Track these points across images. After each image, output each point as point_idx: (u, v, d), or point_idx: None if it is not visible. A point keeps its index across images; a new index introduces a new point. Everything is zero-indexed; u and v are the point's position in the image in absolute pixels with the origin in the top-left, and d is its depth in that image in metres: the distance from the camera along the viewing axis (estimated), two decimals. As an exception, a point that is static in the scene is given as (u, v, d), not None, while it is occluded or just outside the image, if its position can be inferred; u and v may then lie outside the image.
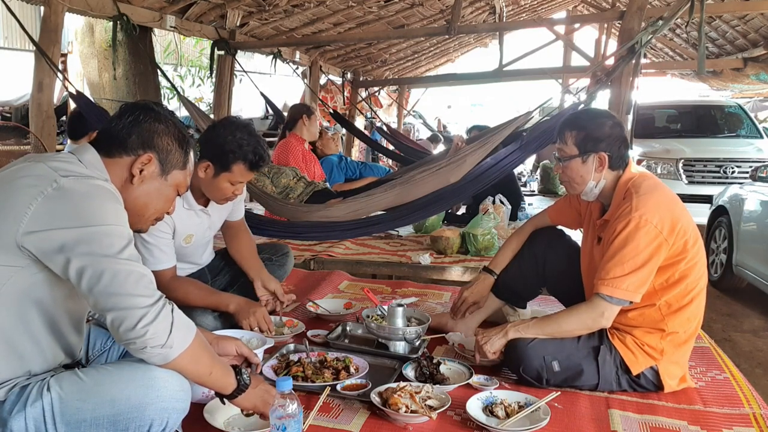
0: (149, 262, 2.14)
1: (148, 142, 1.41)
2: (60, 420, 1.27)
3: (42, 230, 1.22)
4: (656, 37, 4.58)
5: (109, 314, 1.24)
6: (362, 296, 2.96)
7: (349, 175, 5.28)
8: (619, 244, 1.86)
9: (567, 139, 2.02)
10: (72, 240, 1.22)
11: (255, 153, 2.18)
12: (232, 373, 1.44)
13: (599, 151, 1.98)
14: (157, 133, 1.42)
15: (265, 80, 7.65)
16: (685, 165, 6.46)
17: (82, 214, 1.24)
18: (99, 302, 1.24)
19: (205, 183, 2.22)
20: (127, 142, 1.40)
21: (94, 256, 1.23)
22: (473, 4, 7.91)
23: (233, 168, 2.18)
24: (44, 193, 1.24)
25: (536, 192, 7.54)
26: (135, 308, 1.24)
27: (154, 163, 1.42)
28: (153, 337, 1.24)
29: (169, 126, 1.45)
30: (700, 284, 1.96)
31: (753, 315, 4.24)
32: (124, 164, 1.41)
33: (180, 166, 1.47)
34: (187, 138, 1.49)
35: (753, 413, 1.85)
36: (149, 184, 1.44)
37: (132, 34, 4.28)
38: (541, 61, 7.99)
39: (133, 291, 1.24)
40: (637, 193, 1.91)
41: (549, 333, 1.95)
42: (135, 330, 1.23)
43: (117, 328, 1.24)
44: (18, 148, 4.13)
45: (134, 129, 1.41)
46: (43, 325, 1.33)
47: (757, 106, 15.41)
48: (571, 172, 2.02)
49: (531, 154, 4.26)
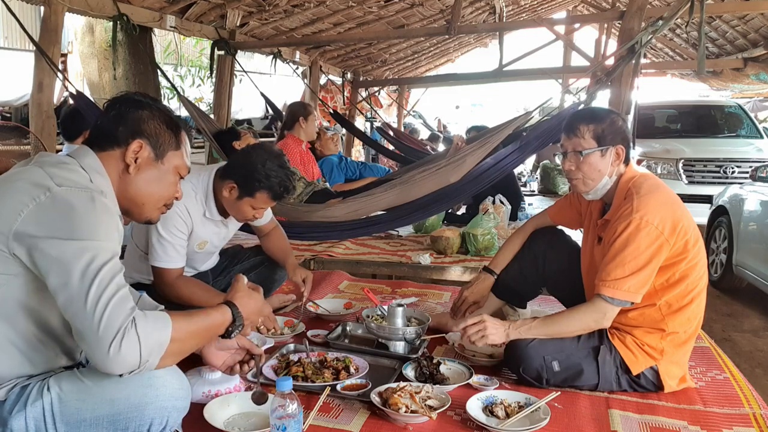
0: (160, 257, 2.16)
1: (136, 130, 1.41)
2: (60, 419, 1.27)
3: (30, 237, 1.21)
4: (656, 37, 4.59)
5: (79, 339, 1.21)
6: (362, 296, 2.96)
7: (349, 175, 5.28)
8: (620, 245, 1.86)
9: (584, 133, 1.98)
10: (55, 252, 1.20)
11: (281, 185, 2.22)
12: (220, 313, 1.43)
13: (616, 145, 1.98)
14: (143, 120, 1.42)
15: (265, 80, 7.64)
16: (685, 165, 6.47)
17: (69, 226, 1.22)
18: (73, 322, 1.20)
19: (228, 203, 2.27)
20: (115, 133, 1.40)
21: (69, 275, 1.19)
22: (473, 4, 7.91)
23: (257, 195, 2.21)
24: (36, 200, 1.23)
25: (536, 192, 7.55)
26: (99, 348, 1.17)
27: (147, 149, 1.42)
28: (124, 364, 1.19)
29: (153, 111, 1.45)
30: (700, 284, 1.95)
31: (753, 315, 4.24)
32: (117, 156, 1.41)
33: (173, 147, 1.47)
34: (175, 119, 1.49)
35: (753, 413, 1.85)
36: (147, 172, 1.43)
37: (132, 34, 4.28)
38: (541, 61, 7.98)
39: (98, 324, 1.17)
40: (638, 194, 1.90)
41: (550, 333, 1.95)
42: (105, 364, 1.18)
43: (89, 357, 1.21)
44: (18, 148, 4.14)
45: (120, 120, 1.41)
46: (40, 331, 1.33)
47: (757, 106, 15.41)
48: (589, 166, 1.99)
49: (531, 154, 4.27)
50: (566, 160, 2.04)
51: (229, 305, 1.46)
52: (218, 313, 1.44)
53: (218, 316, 1.43)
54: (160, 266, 2.18)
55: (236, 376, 1.77)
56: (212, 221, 2.32)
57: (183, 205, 2.17)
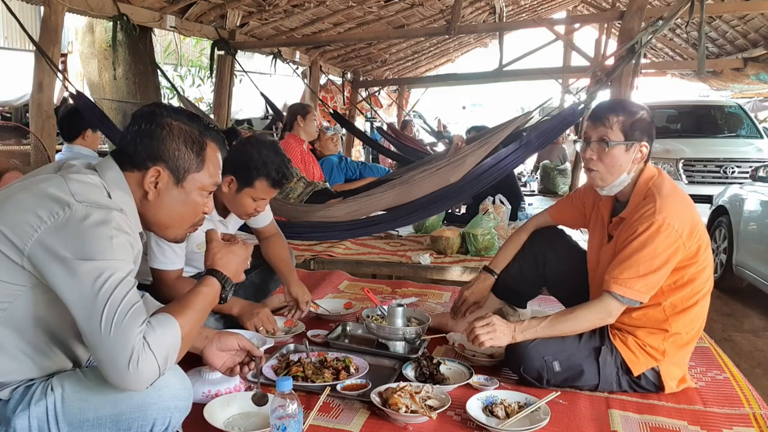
0: (159, 260, 2.16)
1: (153, 154, 1.36)
2: (63, 419, 1.27)
3: (45, 253, 1.20)
4: (656, 37, 4.59)
5: (95, 355, 1.21)
6: (362, 296, 2.96)
7: (349, 175, 5.28)
8: (639, 245, 1.83)
9: (613, 123, 1.92)
10: (69, 271, 1.19)
11: (278, 171, 2.21)
12: (208, 286, 1.39)
13: (642, 141, 1.93)
14: (161, 141, 1.37)
15: (265, 80, 7.65)
16: (685, 165, 6.47)
17: (85, 245, 1.20)
18: (88, 340, 1.20)
19: (228, 198, 2.26)
20: (135, 156, 1.36)
21: (83, 296, 1.18)
22: (473, 4, 7.91)
23: (256, 184, 2.21)
24: (55, 217, 1.21)
25: (536, 192, 7.55)
26: (117, 361, 1.17)
27: (165, 174, 1.37)
28: (145, 380, 1.19)
29: (173, 130, 1.38)
30: (706, 287, 1.95)
31: (753, 315, 4.24)
32: (137, 179, 1.37)
33: (195, 169, 1.40)
34: (198, 133, 1.42)
35: (753, 413, 1.85)
36: (167, 196, 1.39)
37: (132, 34, 4.29)
38: (541, 61, 7.97)
39: (113, 349, 1.17)
40: (660, 195, 1.87)
41: (556, 332, 1.93)
42: (128, 384, 1.19)
43: (107, 377, 1.20)
44: (18, 148, 4.13)
45: (139, 141, 1.37)
46: (50, 341, 1.33)
47: (757, 106, 15.43)
48: (611, 159, 1.93)
49: (531, 154, 4.26)
50: (588, 148, 1.97)
51: (212, 273, 1.42)
52: (206, 287, 1.39)
53: (207, 290, 1.38)
54: (159, 268, 2.18)
55: (236, 376, 1.77)
56: (211, 221, 2.31)
57: None
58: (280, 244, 2.61)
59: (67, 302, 1.20)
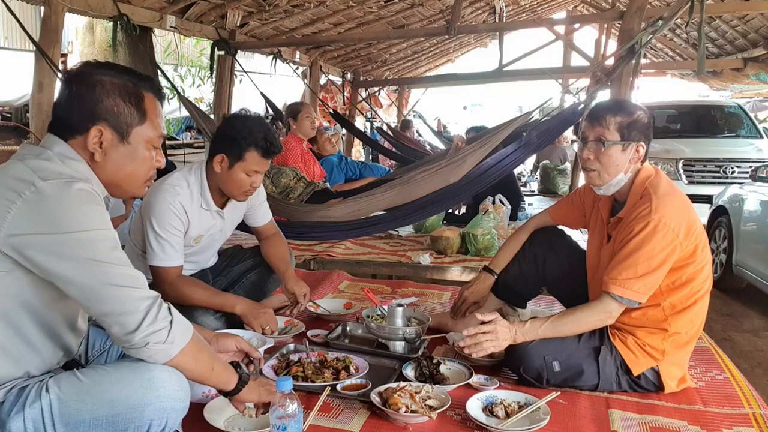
0: (159, 257, 2.15)
1: (91, 114, 1.30)
2: (59, 421, 1.26)
3: (22, 234, 1.19)
4: (656, 37, 4.59)
5: (107, 318, 1.24)
6: (362, 296, 2.96)
7: (349, 175, 5.28)
8: (636, 245, 1.84)
9: (610, 123, 1.93)
10: (55, 246, 1.19)
11: (266, 139, 2.19)
12: (232, 368, 1.46)
13: (639, 142, 1.94)
14: (96, 99, 1.30)
15: (265, 80, 7.64)
16: (685, 165, 6.46)
17: (64, 219, 1.20)
18: (94, 308, 1.24)
19: (222, 177, 2.23)
20: (72, 122, 1.31)
21: (80, 261, 1.20)
22: (473, 4, 7.92)
23: (246, 156, 2.19)
24: (23, 197, 1.20)
25: (536, 192, 7.55)
26: (134, 312, 1.24)
27: (108, 132, 1.32)
28: (155, 334, 1.25)
29: (105, 86, 1.31)
30: (705, 286, 1.95)
31: (753, 315, 4.24)
32: (81, 144, 1.32)
33: (138, 121, 1.35)
34: (133, 85, 1.35)
35: (753, 413, 1.85)
36: (115, 154, 1.34)
37: (132, 34, 4.28)
38: (541, 61, 7.98)
39: (129, 294, 1.24)
40: (656, 194, 1.87)
41: (557, 333, 1.94)
42: (137, 331, 1.23)
43: (117, 333, 1.24)
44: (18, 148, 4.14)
45: (74, 104, 1.31)
46: (36, 327, 1.32)
47: (757, 106, 15.43)
48: (608, 158, 1.94)
49: (531, 154, 4.27)
50: (585, 148, 1.99)
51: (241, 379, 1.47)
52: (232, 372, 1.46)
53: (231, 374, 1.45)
54: (159, 265, 2.17)
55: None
56: (209, 212, 2.30)
57: (178, 202, 2.16)
58: (280, 243, 2.60)
59: (60, 279, 1.22)
